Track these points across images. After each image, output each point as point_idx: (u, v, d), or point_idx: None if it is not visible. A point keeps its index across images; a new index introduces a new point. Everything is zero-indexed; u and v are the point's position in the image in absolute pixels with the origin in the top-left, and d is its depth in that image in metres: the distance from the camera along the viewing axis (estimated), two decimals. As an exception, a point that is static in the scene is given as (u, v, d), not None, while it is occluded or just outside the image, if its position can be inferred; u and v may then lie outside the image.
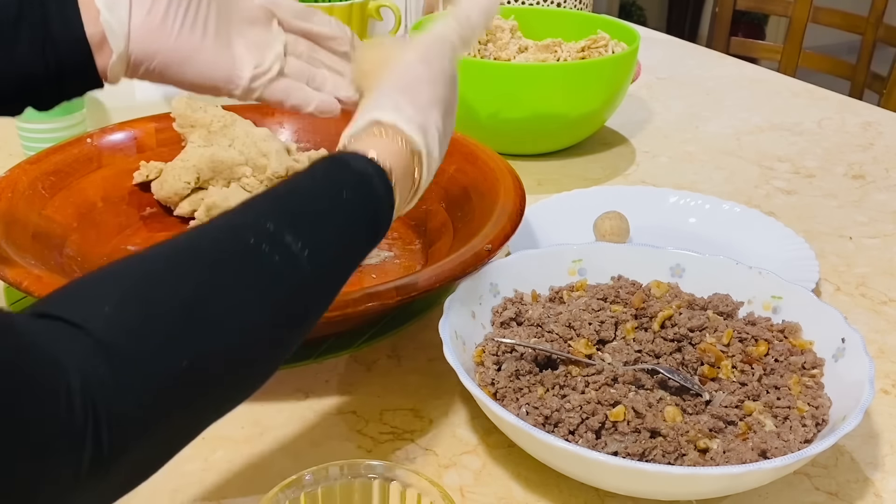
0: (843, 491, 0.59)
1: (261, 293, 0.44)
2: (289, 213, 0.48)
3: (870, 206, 0.99)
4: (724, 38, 1.87)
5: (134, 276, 0.42)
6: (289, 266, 0.46)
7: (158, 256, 0.44)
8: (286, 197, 0.49)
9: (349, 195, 0.50)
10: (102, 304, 0.39)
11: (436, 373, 0.69)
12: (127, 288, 0.41)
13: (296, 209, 0.49)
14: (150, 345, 0.40)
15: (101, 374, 0.37)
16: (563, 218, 0.88)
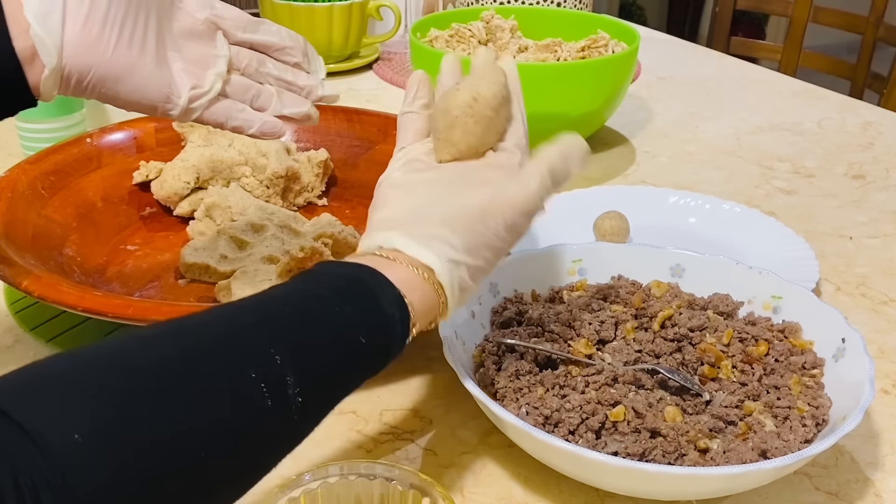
0: (843, 491, 0.59)
1: (241, 436, 0.40)
2: (298, 347, 0.43)
3: (870, 206, 0.99)
4: (725, 37, 1.87)
5: (113, 393, 0.37)
6: (278, 416, 0.42)
7: (143, 370, 0.38)
8: (301, 318, 0.45)
9: (367, 340, 0.47)
10: (71, 428, 0.34)
11: (436, 373, 0.69)
12: (102, 412, 0.36)
13: (306, 341, 0.44)
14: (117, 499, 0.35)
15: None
16: (563, 218, 0.88)
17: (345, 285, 0.48)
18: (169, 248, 0.83)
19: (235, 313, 0.44)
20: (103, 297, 0.63)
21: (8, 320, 0.74)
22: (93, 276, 0.78)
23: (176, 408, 0.38)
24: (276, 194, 0.89)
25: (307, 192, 0.92)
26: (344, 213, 0.90)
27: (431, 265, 0.51)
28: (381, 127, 0.94)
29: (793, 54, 1.80)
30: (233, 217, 0.83)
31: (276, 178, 0.88)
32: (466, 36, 1.12)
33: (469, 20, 1.16)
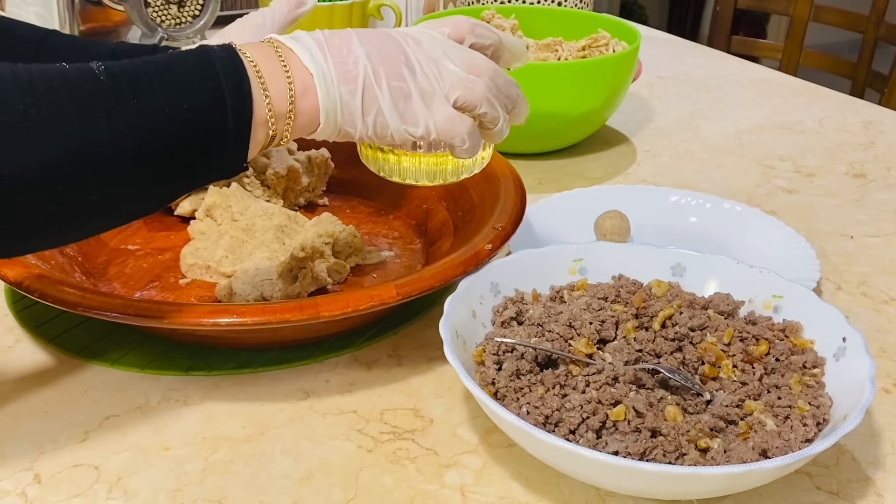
0: (844, 490, 0.59)
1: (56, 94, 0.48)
2: (117, 64, 0.51)
3: (871, 205, 0.99)
4: (726, 36, 1.86)
5: None
6: (84, 73, 0.50)
7: None
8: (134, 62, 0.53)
9: (181, 55, 0.53)
10: None
11: (436, 372, 0.69)
12: None
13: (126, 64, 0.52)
14: None
15: None
16: (564, 217, 0.88)
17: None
18: (170, 248, 0.83)
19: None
20: (104, 297, 0.63)
21: (8, 320, 0.74)
22: (94, 276, 0.78)
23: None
24: (277, 194, 0.89)
25: (308, 191, 0.92)
26: (345, 213, 0.90)
27: (311, 71, 0.56)
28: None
29: (794, 53, 1.80)
30: (234, 217, 0.83)
31: (276, 177, 0.88)
32: (467, 35, 1.12)
33: (470, 19, 1.15)
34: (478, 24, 0.62)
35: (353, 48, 0.57)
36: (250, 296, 0.72)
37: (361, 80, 0.56)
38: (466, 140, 0.59)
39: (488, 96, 0.60)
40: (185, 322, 0.61)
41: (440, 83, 0.58)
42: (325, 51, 0.56)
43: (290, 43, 0.57)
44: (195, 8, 1.20)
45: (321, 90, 0.56)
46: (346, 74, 0.56)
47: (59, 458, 0.60)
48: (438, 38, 0.60)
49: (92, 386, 0.67)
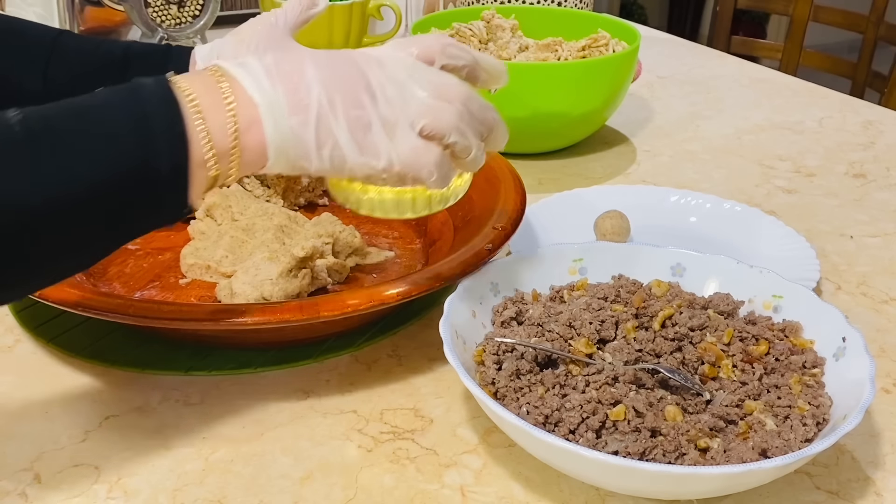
0: (843, 490, 0.59)
1: None
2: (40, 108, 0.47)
3: (871, 205, 0.99)
4: (725, 36, 1.86)
5: None
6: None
7: None
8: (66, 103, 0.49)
9: (108, 94, 0.49)
10: None
11: (436, 372, 0.69)
12: None
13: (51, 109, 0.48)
14: None
15: None
16: (564, 217, 0.88)
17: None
18: (170, 248, 0.83)
19: None
20: (104, 297, 0.63)
21: (8, 320, 0.74)
22: (93, 276, 0.78)
23: None
24: (277, 194, 0.89)
25: (308, 191, 0.92)
26: (345, 213, 0.90)
27: (257, 102, 0.51)
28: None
29: (794, 53, 1.80)
30: (234, 217, 0.83)
31: (276, 177, 0.88)
32: (467, 35, 1.12)
33: (470, 19, 1.16)
34: (450, 44, 0.58)
35: (305, 74, 0.52)
36: (250, 296, 0.72)
37: (315, 110, 0.51)
38: (434, 172, 0.55)
39: (458, 124, 0.55)
40: (185, 322, 0.61)
41: (404, 110, 0.53)
42: (274, 78, 0.51)
43: (235, 70, 0.51)
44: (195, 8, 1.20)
45: (268, 122, 0.51)
46: (298, 104, 0.51)
47: (59, 458, 0.60)
48: (405, 60, 0.55)
49: (92, 386, 0.67)
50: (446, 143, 0.55)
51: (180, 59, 0.74)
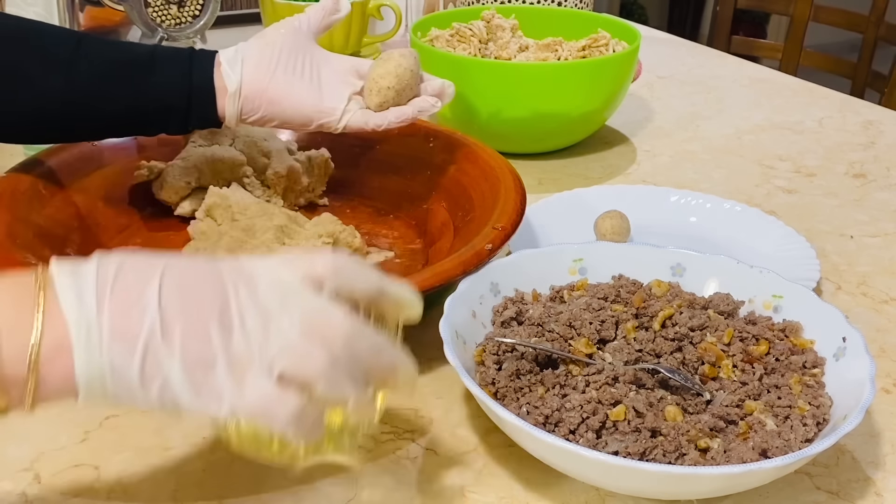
0: (844, 490, 0.59)
1: None
2: None
3: (871, 205, 0.99)
4: (726, 36, 1.86)
5: None
6: None
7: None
8: None
9: None
10: None
11: (436, 372, 0.69)
12: None
13: None
14: None
15: None
16: (564, 217, 0.88)
17: None
18: (170, 248, 0.83)
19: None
20: (104, 297, 0.63)
21: (9, 320, 0.74)
22: (94, 276, 0.78)
23: None
24: (277, 194, 0.89)
25: (308, 191, 0.92)
26: (345, 213, 0.90)
27: (69, 325, 0.42)
28: (382, 126, 0.94)
29: (794, 53, 1.80)
30: (234, 217, 0.83)
31: (277, 177, 0.88)
32: (467, 35, 1.12)
33: (470, 19, 1.16)
34: (348, 267, 0.48)
35: (146, 292, 0.43)
36: (250, 296, 0.72)
37: (143, 339, 0.42)
38: (291, 425, 0.44)
39: (329, 371, 0.44)
40: (185, 322, 0.61)
41: (263, 348, 0.44)
42: (105, 294, 0.42)
43: (61, 279, 0.43)
44: (195, 8, 1.20)
45: (80, 351, 0.42)
46: (125, 330, 0.42)
47: (59, 458, 0.60)
48: (284, 282, 0.46)
49: (92, 386, 0.67)
50: (312, 392, 0.44)
51: (204, 62, 0.76)
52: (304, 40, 0.78)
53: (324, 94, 0.77)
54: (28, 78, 0.72)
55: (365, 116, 0.78)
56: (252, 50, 0.77)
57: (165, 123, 0.77)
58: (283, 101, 0.76)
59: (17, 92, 0.72)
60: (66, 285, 0.43)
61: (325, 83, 0.77)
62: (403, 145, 0.92)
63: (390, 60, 0.77)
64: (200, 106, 0.76)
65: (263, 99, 0.76)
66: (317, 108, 0.76)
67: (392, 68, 0.77)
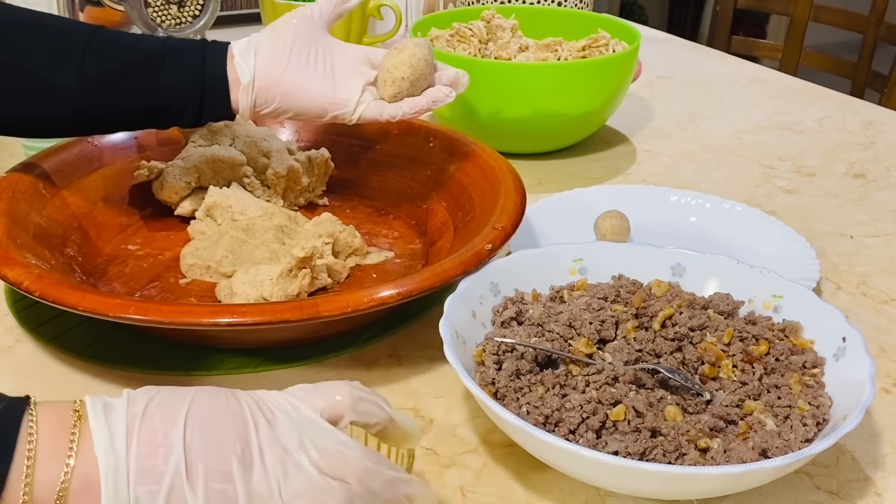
0: (843, 490, 0.59)
1: None
2: None
3: (871, 205, 0.99)
4: (725, 36, 1.86)
5: None
6: None
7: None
8: None
9: None
10: None
11: (436, 372, 0.69)
12: None
13: None
14: None
15: None
16: (564, 217, 0.88)
17: None
18: (170, 248, 0.83)
19: None
20: (104, 297, 0.63)
21: (9, 320, 0.74)
22: (94, 276, 0.78)
23: None
24: (277, 194, 0.89)
25: (308, 191, 0.92)
26: (345, 213, 0.90)
27: (101, 466, 0.44)
28: (382, 127, 0.94)
29: (794, 53, 1.80)
30: (234, 217, 0.83)
31: (277, 177, 0.88)
32: (467, 35, 1.12)
33: (470, 19, 1.16)
34: (364, 398, 0.49)
35: (171, 434, 0.44)
36: (250, 296, 0.72)
37: (168, 480, 0.43)
38: None
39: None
40: (185, 322, 0.61)
41: (282, 486, 0.45)
42: (134, 434, 0.44)
43: (96, 416, 0.45)
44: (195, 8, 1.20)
45: (108, 489, 0.43)
46: (151, 471, 0.43)
47: (59, 458, 0.60)
48: (304, 418, 0.47)
49: (92, 386, 0.67)
50: None
51: (217, 53, 0.75)
52: (317, 30, 0.77)
53: (337, 84, 0.76)
54: (41, 73, 0.72)
55: (379, 108, 0.77)
56: (264, 41, 0.76)
57: (179, 117, 0.76)
58: (297, 93, 0.75)
59: (29, 86, 0.72)
60: (99, 424, 0.44)
61: (338, 74, 0.76)
62: (403, 145, 0.92)
63: (405, 50, 0.76)
64: (214, 99, 0.75)
65: (277, 90, 0.75)
66: (330, 100, 0.76)
67: (406, 58, 0.75)
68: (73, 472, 0.43)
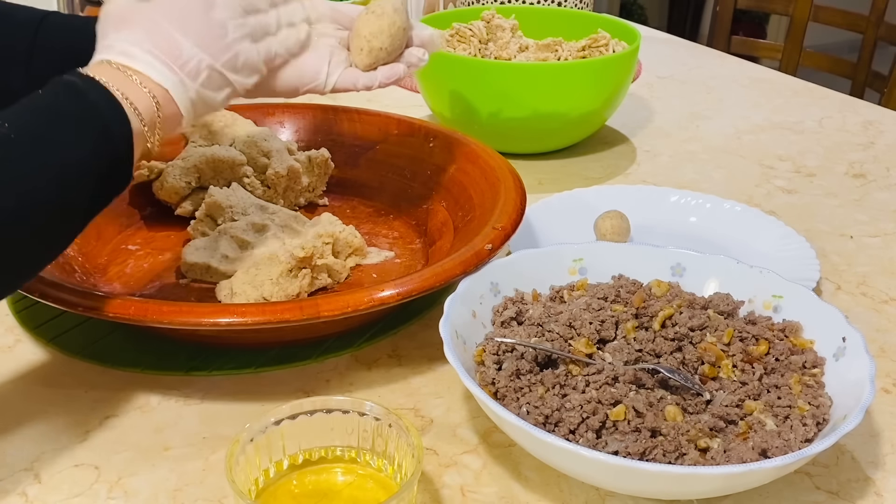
0: (843, 490, 0.59)
1: None
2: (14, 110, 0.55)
3: (870, 205, 0.99)
4: (725, 36, 1.86)
5: None
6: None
7: None
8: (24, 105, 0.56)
9: (59, 100, 0.56)
10: None
11: (436, 372, 0.69)
12: None
13: (9, 109, 0.55)
14: None
15: None
16: (564, 217, 0.88)
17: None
18: (170, 248, 0.83)
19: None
20: (104, 297, 0.63)
21: (9, 320, 0.74)
22: (94, 276, 0.78)
23: None
24: (278, 194, 0.89)
25: (308, 191, 0.92)
26: (345, 213, 0.90)
27: (166, 87, 0.61)
28: (382, 127, 0.94)
29: (793, 53, 1.80)
30: (234, 217, 0.83)
31: (277, 177, 0.88)
32: (467, 35, 1.12)
33: (470, 19, 1.16)
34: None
35: (183, 46, 0.61)
36: (250, 296, 0.72)
37: (207, 71, 0.62)
38: None
39: None
40: (185, 322, 0.61)
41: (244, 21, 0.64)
42: (166, 59, 0.60)
43: (130, 63, 0.60)
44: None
45: (179, 96, 0.61)
46: (192, 72, 0.61)
47: (59, 458, 0.60)
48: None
49: (92, 386, 0.67)
50: None
51: None
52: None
53: (303, 56, 0.70)
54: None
55: (353, 77, 0.71)
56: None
57: None
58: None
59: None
60: (142, 67, 0.60)
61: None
62: (403, 145, 0.92)
63: (384, 17, 0.70)
64: None
65: None
66: (298, 75, 0.70)
67: (386, 27, 0.70)
68: (155, 96, 0.60)
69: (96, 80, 0.58)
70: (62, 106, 0.56)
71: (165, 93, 0.60)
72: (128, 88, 0.59)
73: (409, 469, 0.53)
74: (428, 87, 1.07)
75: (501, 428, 0.58)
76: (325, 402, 0.56)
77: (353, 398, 0.56)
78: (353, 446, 0.56)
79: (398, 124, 0.93)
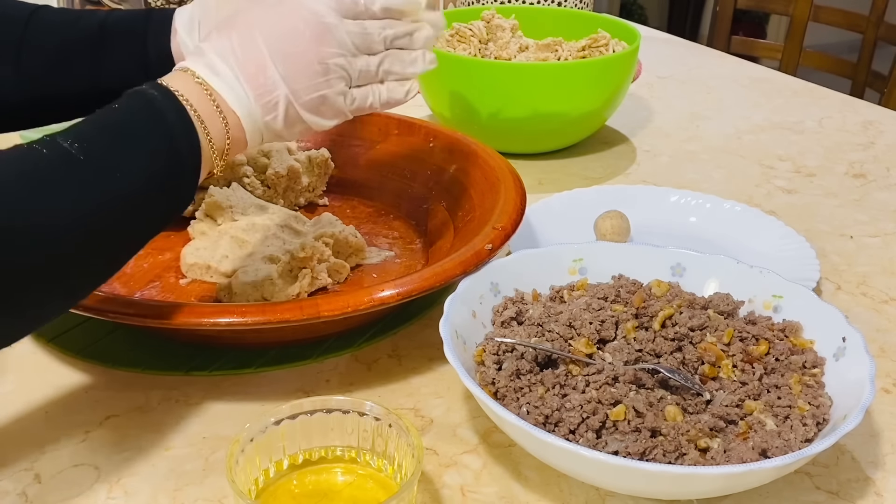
0: (843, 490, 0.59)
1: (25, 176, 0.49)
2: (73, 128, 0.53)
3: (870, 205, 0.99)
4: (725, 36, 1.86)
5: None
6: (56, 154, 0.50)
7: None
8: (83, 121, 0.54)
9: (131, 113, 0.55)
10: None
11: (436, 372, 0.69)
12: None
13: (82, 124, 0.54)
14: None
15: None
16: (564, 217, 0.88)
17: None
18: (170, 248, 0.83)
19: None
20: (104, 297, 0.63)
21: (9, 320, 0.74)
22: (94, 276, 0.78)
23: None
24: (278, 194, 0.89)
25: (308, 191, 0.92)
26: (345, 213, 0.90)
27: (239, 114, 0.59)
28: (382, 127, 0.94)
29: (793, 53, 1.80)
30: (234, 217, 0.83)
31: (277, 177, 0.88)
32: (467, 35, 1.12)
33: (470, 19, 1.16)
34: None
35: (268, 73, 0.59)
36: (250, 296, 0.72)
37: (283, 107, 0.60)
38: None
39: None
40: (185, 322, 0.61)
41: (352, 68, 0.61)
42: (246, 85, 0.59)
43: (212, 80, 0.58)
44: (195, 8, 1.20)
45: (248, 126, 0.60)
46: (267, 105, 0.60)
47: (59, 458, 0.60)
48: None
49: (92, 386, 0.67)
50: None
51: (161, 28, 0.71)
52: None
53: None
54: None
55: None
56: (209, 7, 0.71)
57: None
58: None
59: None
60: (221, 87, 0.58)
61: None
62: (403, 145, 0.92)
63: None
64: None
65: None
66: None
67: None
68: (227, 122, 0.58)
69: (176, 98, 0.56)
70: (138, 129, 0.54)
71: (237, 120, 0.59)
72: (204, 109, 0.57)
73: (409, 469, 0.53)
74: (428, 87, 1.07)
75: (501, 428, 0.58)
76: (325, 402, 0.56)
77: (353, 398, 0.56)
78: (353, 446, 0.56)
79: (398, 124, 0.93)
